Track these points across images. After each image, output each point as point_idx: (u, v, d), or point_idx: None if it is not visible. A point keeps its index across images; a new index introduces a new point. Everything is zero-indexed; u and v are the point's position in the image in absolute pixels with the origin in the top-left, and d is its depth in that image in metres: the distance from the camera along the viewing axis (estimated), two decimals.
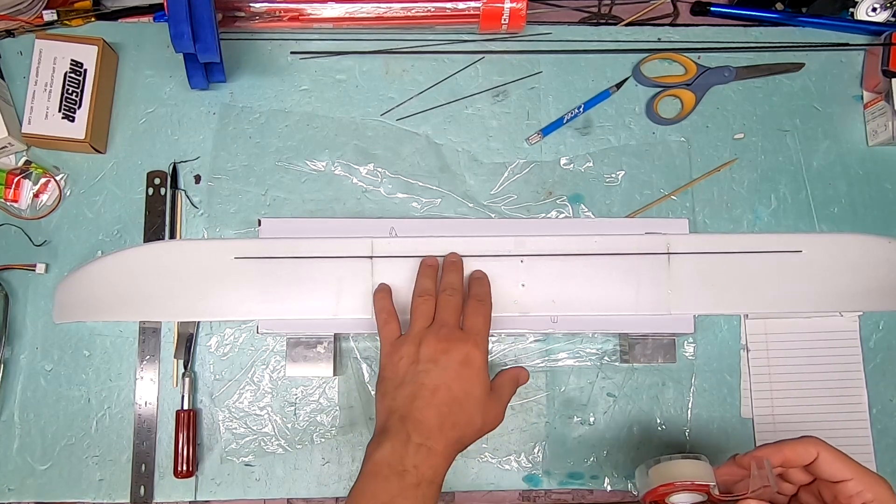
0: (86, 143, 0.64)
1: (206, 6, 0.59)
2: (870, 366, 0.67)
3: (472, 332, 0.54)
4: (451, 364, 0.52)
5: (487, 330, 0.55)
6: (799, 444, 0.49)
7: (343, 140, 0.68)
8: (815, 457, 0.48)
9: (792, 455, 0.49)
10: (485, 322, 0.55)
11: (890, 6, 0.72)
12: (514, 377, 0.57)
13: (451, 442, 0.51)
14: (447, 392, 0.51)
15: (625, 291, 0.59)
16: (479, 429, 0.53)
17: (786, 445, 0.49)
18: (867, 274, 0.60)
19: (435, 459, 0.49)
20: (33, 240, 0.65)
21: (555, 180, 0.69)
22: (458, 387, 0.51)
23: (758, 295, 0.60)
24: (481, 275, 0.59)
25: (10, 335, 0.64)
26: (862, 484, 0.47)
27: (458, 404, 0.51)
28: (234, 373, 0.65)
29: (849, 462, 0.48)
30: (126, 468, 0.63)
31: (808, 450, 0.48)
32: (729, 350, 0.67)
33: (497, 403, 0.54)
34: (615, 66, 0.71)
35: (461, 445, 0.52)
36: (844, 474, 0.47)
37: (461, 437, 0.51)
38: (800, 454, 0.48)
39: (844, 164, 0.70)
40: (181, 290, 0.58)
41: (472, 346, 0.52)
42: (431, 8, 0.67)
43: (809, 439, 0.49)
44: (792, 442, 0.49)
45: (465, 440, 0.52)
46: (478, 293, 0.57)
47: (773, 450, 0.49)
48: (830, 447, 0.48)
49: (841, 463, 0.48)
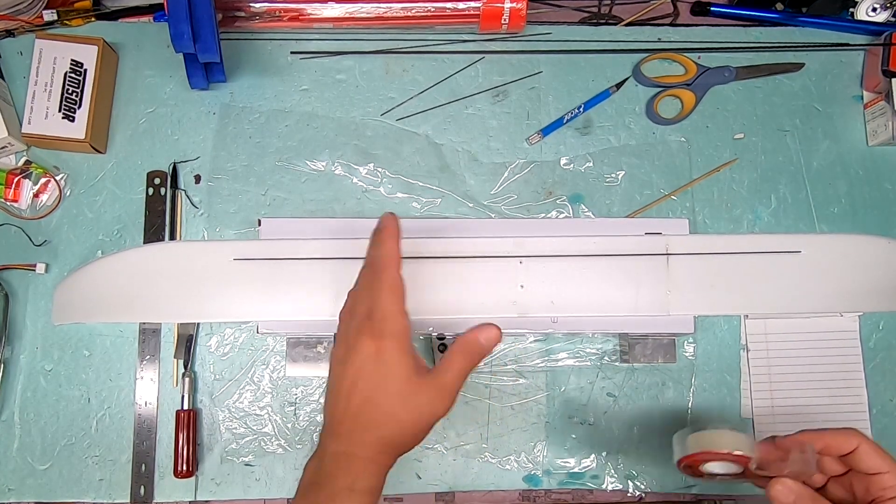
0: (86, 143, 0.64)
1: (206, 6, 0.59)
2: (870, 366, 0.67)
3: (375, 315, 0.47)
4: (357, 360, 0.46)
5: (394, 302, 0.47)
6: (841, 433, 0.49)
7: (343, 140, 0.68)
8: (855, 447, 0.48)
9: (832, 442, 0.49)
10: (386, 295, 0.47)
11: (890, 6, 0.72)
12: (464, 346, 0.48)
13: (372, 444, 0.46)
14: (357, 395, 0.46)
15: (624, 292, 0.59)
16: (411, 422, 0.46)
17: (827, 433, 0.49)
18: (867, 274, 0.60)
19: (356, 466, 0.45)
20: (33, 240, 0.65)
21: (555, 180, 0.69)
22: (368, 384, 0.46)
23: (757, 295, 0.60)
24: (380, 226, 0.51)
25: (10, 335, 0.64)
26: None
27: (370, 403, 0.46)
28: (234, 373, 0.65)
29: (886, 456, 0.48)
30: (126, 468, 0.63)
31: (849, 439, 0.48)
32: (729, 350, 0.67)
33: (434, 387, 0.47)
34: (615, 66, 0.71)
35: (391, 447, 0.47)
36: (881, 467, 0.47)
37: (383, 437, 0.46)
38: (840, 443, 0.48)
39: (844, 164, 0.70)
40: (181, 291, 0.58)
41: (376, 335, 0.46)
42: (431, 8, 0.67)
43: (851, 430, 0.49)
44: (833, 430, 0.49)
45: (394, 439, 0.46)
46: (368, 260, 0.50)
47: (815, 435, 0.49)
48: (870, 440, 0.48)
49: (879, 456, 0.48)
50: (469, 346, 0.48)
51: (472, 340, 0.48)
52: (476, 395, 0.65)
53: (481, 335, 0.48)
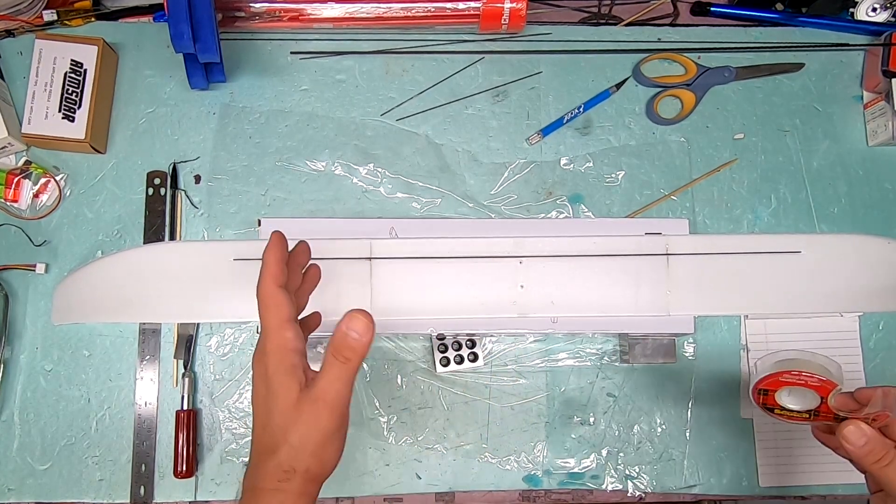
0: (86, 143, 0.64)
1: (206, 6, 0.59)
2: (870, 366, 0.67)
3: (260, 335, 0.44)
4: (254, 385, 0.44)
5: (272, 317, 0.43)
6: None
7: (343, 140, 0.68)
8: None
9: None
10: (263, 311, 0.43)
11: (890, 6, 0.72)
12: (334, 348, 0.41)
13: (273, 473, 0.42)
14: (257, 419, 0.43)
15: (624, 292, 0.59)
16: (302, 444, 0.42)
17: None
18: (867, 274, 0.60)
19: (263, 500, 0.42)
20: (33, 240, 0.65)
21: (555, 180, 0.69)
22: (261, 409, 0.43)
23: (757, 296, 0.59)
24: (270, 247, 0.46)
25: (10, 335, 0.64)
26: None
27: (265, 429, 0.43)
28: (234, 373, 0.65)
29: None
30: (126, 468, 0.63)
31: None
32: (729, 350, 0.67)
33: (311, 401, 0.42)
34: (615, 66, 0.71)
35: (294, 473, 0.41)
36: None
37: (281, 463, 0.41)
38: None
39: (844, 164, 0.70)
40: (181, 291, 0.58)
41: (260, 355, 0.43)
42: (431, 8, 0.67)
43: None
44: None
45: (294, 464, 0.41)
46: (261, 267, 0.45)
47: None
48: None
49: None
50: (338, 346, 0.41)
51: (340, 338, 0.41)
52: (476, 395, 0.65)
53: (350, 330, 0.41)
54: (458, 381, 0.65)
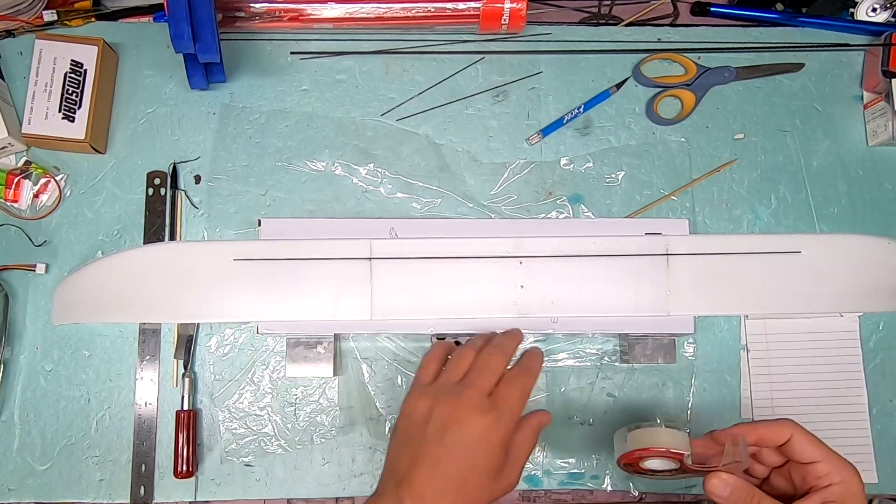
0: (86, 143, 0.64)
1: (206, 6, 0.59)
2: (870, 366, 0.67)
3: (501, 404, 0.48)
4: (462, 438, 0.46)
5: (521, 407, 0.49)
6: (774, 424, 0.50)
7: (343, 140, 0.68)
8: (788, 437, 0.49)
9: (766, 434, 0.50)
10: (520, 396, 0.50)
11: (890, 6, 0.72)
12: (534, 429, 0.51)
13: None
14: (451, 468, 0.46)
15: (624, 293, 0.59)
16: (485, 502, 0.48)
17: (761, 425, 0.50)
18: (867, 274, 0.60)
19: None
20: (33, 240, 0.65)
21: (555, 180, 0.69)
22: (464, 464, 0.46)
23: (757, 296, 0.60)
24: (538, 352, 0.54)
25: (10, 335, 0.64)
26: (831, 466, 0.48)
27: (461, 482, 0.46)
28: (234, 373, 0.65)
29: (820, 445, 0.49)
30: (126, 468, 0.63)
31: (782, 430, 0.49)
32: (729, 350, 0.67)
33: (511, 469, 0.49)
34: (615, 66, 0.71)
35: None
36: (815, 456, 0.48)
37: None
38: (774, 434, 0.49)
39: (844, 164, 0.70)
40: (181, 291, 0.58)
41: (492, 422, 0.47)
42: (431, 8, 0.67)
43: (784, 421, 0.50)
44: (767, 422, 0.50)
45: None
46: (527, 364, 0.52)
47: (748, 428, 0.50)
48: (804, 430, 0.49)
49: (813, 445, 0.49)
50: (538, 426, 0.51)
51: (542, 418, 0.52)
52: None
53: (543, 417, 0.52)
54: None
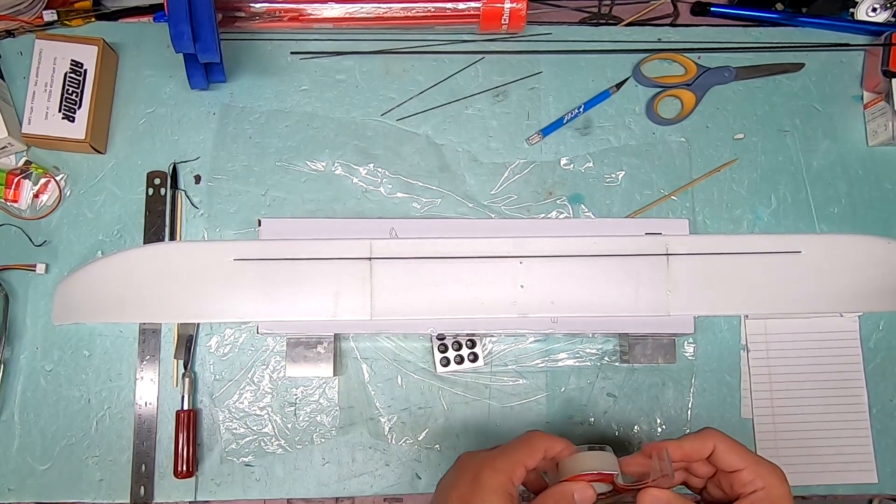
0: (86, 143, 0.64)
1: (206, 6, 0.59)
2: (870, 366, 0.67)
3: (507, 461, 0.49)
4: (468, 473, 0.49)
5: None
6: (697, 437, 0.50)
7: (343, 140, 0.68)
8: (712, 449, 0.49)
9: (691, 448, 0.50)
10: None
11: (890, 6, 0.72)
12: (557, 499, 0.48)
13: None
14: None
15: (624, 292, 0.59)
16: None
17: (686, 438, 0.50)
18: (867, 274, 0.60)
19: None
20: (33, 240, 0.65)
21: (555, 180, 0.69)
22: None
23: (757, 296, 0.59)
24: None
25: (10, 335, 0.64)
26: (753, 473, 0.48)
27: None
28: (234, 373, 0.65)
29: (743, 452, 0.49)
30: (126, 468, 0.63)
31: (704, 443, 0.49)
32: (729, 350, 0.67)
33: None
34: (615, 66, 0.71)
35: None
36: (738, 464, 0.48)
37: None
38: (698, 447, 0.50)
39: (844, 164, 0.70)
40: (181, 291, 0.58)
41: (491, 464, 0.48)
42: (431, 8, 0.67)
43: (707, 431, 0.50)
44: (691, 436, 0.50)
45: None
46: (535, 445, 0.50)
47: (674, 444, 0.50)
48: (727, 438, 0.50)
49: (735, 454, 0.49)
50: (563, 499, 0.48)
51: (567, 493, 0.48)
52: (476, 395, 0.65)
53: (577, 493, 0.48)
54: (458, 381, 0.65)
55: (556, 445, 0.50)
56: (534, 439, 0.50)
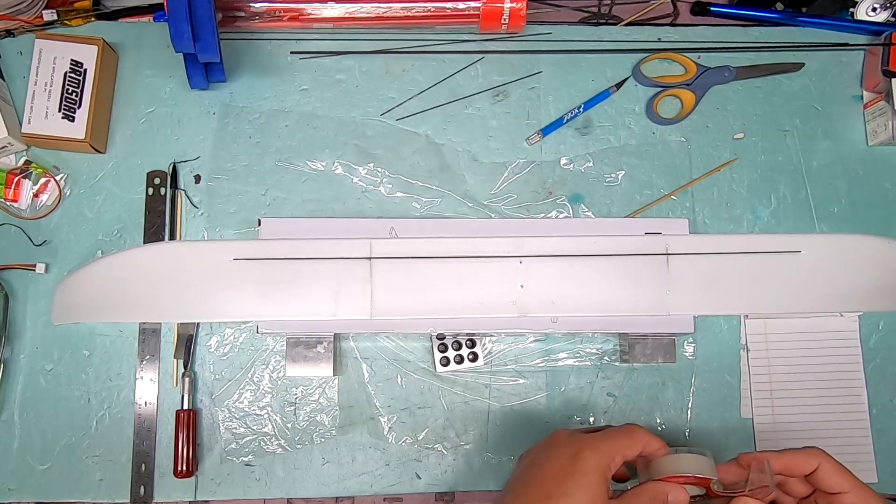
0: (86, 142, 0.64)
1: (206, 6, 0.59)
2: (870, 366, 0.67)
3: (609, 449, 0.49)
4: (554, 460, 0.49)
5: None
6: (802, 452, 0.49)
7: (343, 140, 0.68)
8: (816, 467, 0.48)
9: (793, 462, 0.49)
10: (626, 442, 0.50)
11: (890, 6, 0.72)
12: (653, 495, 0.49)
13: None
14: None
15: (623, 292, 0.59)
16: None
17: (788, 452, 0.49)
18: (867, 274, 0.60)
19: None
20: (33, 240, 0.65)
21: (555, 180, 0.69)
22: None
23: (757, 296, 0.59)
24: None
25: (10, 335, 0.64)
26: (858, 497, 0.47)
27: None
28: (233, 373, 0.65)
29: (849, 475, 0.48)
30: (126, 468, 0.63)
31: (809, 459, 0.49)
32: (729, 350, 0.67)
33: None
34: (615, 66, 0.71)
35: None
36: (843, 486, 0.48)
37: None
38: (801, 463, 0.49)
39: (844, 164, 0.70)
40: (181, 291, 0.58)
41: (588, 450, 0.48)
42: (431, 8, 0.67)
43: (813, 450, 0.49)
44: (795, 450, 0.49)
45: None
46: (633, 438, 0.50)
47: (775, 455, 0.49)
48: (832, 459, 0.49)
49: (841, 476, 0.48)
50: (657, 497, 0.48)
51: (661, 492, 0.48)
52: (476, 395, 0.65)
53: (672, 494, 0.48)
54: (458, 381, 0.65)
55: (654, 443, 0.50)
56: (636, 432, 0.50)
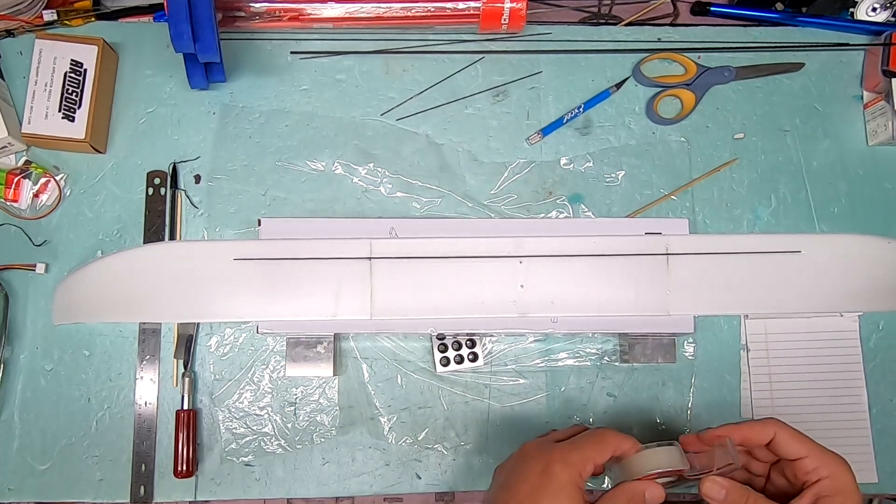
0: (86, 142, 0.64)
1: (206, 6, 0.59)
2: (870, 366, 0.67)
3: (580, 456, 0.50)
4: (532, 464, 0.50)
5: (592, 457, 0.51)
6: (757, 423, 0.51)
7: (343, 140, 0.68)
8: (772, 436, 0.50)
9: (750, 433, 0.51)
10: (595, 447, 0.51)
11: (890, 6, 0.72)
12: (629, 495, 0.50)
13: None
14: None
15: (624, 292, 0.59)
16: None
17: (746, 424, 0.51)
18: (867, 274, 0.60)
19: None
20: (33, 240, 0.65)
21: (555, 180, 0.69)
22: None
23: (757, 296, 0.59)
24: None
25: (10, 335, 0.64)
26: (817, 461, 0.49)
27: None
28: (233, 373, 0.65)
29: (805, 441, 0.50)
30: (126, 468, 0.63)
31: (765, 429, 0.50)
32: (729, 350, 0.67)
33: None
34: (615, 66, 0.71)
35: None
36: (800, 451, 0.49)
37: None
38: (758, 433, 0.50)
39: (844, 164, 0.70)
40: (181, 291, 0.58)
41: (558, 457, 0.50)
42: (431, 8, 0.67)
43: (768, 420, 0.51)
44: (751, 421, 0.51)
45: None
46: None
47: (734, 428, 0.51)
48: (788, 427, 0.50)
49: (797, 441, 0.50)
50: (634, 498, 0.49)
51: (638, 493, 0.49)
52: (476, 395, 0.65)
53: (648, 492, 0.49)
54: (458, 381, 0.65)
55: (624, 444, 0.51)
56: (606, 437, 0.51)
